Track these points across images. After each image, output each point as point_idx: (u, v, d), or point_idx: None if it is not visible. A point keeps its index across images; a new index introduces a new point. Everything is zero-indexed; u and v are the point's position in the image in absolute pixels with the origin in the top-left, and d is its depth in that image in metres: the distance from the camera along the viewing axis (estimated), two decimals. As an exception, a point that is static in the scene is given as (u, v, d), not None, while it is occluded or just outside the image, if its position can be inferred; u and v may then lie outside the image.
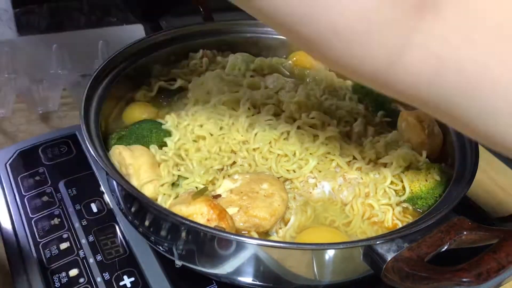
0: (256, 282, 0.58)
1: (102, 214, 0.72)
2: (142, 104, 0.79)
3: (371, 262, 0.52)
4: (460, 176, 0.64)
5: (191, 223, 0.52)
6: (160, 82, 0.81)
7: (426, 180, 0.67)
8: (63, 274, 0.64)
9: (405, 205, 0.67)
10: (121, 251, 0.67)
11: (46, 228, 0.70)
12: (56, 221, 0.71)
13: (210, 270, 0.59)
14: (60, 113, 0.96)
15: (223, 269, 0.58)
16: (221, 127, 0.70)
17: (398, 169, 0.69)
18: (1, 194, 0.75)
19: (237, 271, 0.57)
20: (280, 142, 0.68)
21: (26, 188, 0.75)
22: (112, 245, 0.68)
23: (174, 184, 0.65)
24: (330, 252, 0.54)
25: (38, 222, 0.70)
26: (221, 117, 0.71)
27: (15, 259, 0.66)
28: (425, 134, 0.73)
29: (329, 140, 0.70)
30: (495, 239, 0.50)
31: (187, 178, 0.64)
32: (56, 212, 0.72)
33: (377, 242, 0.52)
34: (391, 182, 0.67)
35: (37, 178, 0.77)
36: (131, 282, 0.63)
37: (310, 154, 0.68)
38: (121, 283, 0.63)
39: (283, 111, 0.74)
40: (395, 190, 0.68)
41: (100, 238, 0.68)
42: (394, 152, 0.70)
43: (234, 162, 0.68)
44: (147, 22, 0.84)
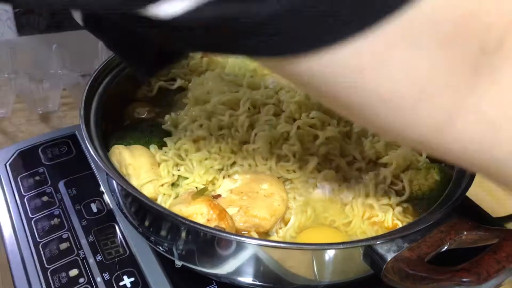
0: (256, 282, 0.58)
1: (102, 214, 0.72)
2: (142, 104, 0.79)
3: (371, 262, 0.52)
4: (460, 176, 0.64)
5: (191, 223, 0.52)
6: (160, 82, 0.80)
7: (426, 180, 0.67)
8: (63, 274, 0.64)
9: (405, 205, 0.67)
10: (121, 251, 0.67)
11: (46, 228, 0.70)
12: (56, 221, 0.71)
13: (210, 270, 0.59)
14: (60, 113, 0.96)
15: (223, 269, 0.58)
16: (221, 127, 0.70)
17: (398, 169, 0.69)
18: (1, 194, 0.75)
19: (237, 271, 0.57)
20: (280, 142, 0.68)
21: (26, 188, 0.75)
22: (112, 245, 0.68)
23: (174, 184, 0.65)
24: (330, 252, 0.54)
25: (38, 222, 0.70)
26: (221, 117, 0.71)
27: (15, 259, 0.66)
28: (425, 134, 0.73)
29: (329, 140, 0.70)
30: (495, 239, 0.50)
31: (187, 178, 0.64)
32: (56, 212, 0.72)
33: (377, 242, 0.52)
34: (391, 182, 0.67)
35: (37, 178, 0.77)
36: (131, 282, 0.63)
37: (310, 154, 0.68)
38: (121, 283, 0.63)
39: (283, 111, 0.73)
40: (395, 190, 0.68)
41: (100, 238, 0.68)
42: (394, 152, 0.70)
43: (234, 162, 0.68)
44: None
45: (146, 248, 0.67)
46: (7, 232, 0.69)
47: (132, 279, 0.64)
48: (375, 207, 0.65)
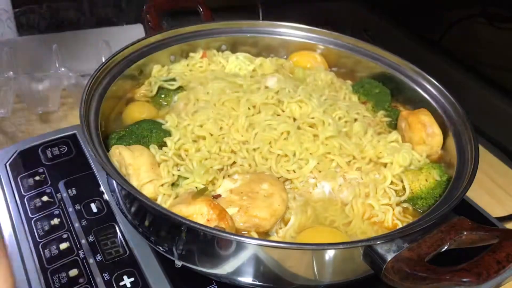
0: (256, 282, 0.58)
1: (102, 214, 0.72)
2: (142, 104, 0.79)
3: (371, 262, 0.52)
4: (460, 176, 0.64)
5: (191, 223, 0.52)
6: (160, 82, 0.80)
7: (426, 180, 0.67)
8: (63, 274, 0.64)
9: (405, 205, 0.67)
10: (121, 251, 0.67)
11: (46, 228, 0.70)
12: (56, 221, 0.71)
13: (210, 270, 0.59)
14: (60, 113, 0.96)
15: (223, 269, 0.58)
16: (221, 127, 0.70)
17: (398, 169, 0.69)
18: (1, 194, 0.75)
19: (237, 271, 0.57)
20: (280, 142, 0.68)
21: (26, 188, 0.75)
22: (112, 245, 0.68)
23: (174, 184, 0.65)
24: (330, 252, 0.54)
25: (38, 222, 0.70)
26: (221, 117, 0.71)
27: (15, 259, 0.66)
28: (425, 134, 0.73)
29: (329, 140, 0.70)
30: (495, 239, 0.50)
31: (187, 178, 0.64)
32: (56, 212, 0.72)
33: (377, 242, 0.52)
34: (391, 182, 0.68)
35: (37, 178, 0.77)
36: (131, 282, 0.63)
37: (310, 154, 0.68)
38: (121, 283, 0.63)
39: (283, 111, 0.74)
40: (395, 190, 0.68)
41: (100, 238, 0.68)
42: (394, 152, 0.70)
43: (234, 162, 0.68)
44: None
45: (146, 248, 0.67)
46: (7, 232, 0.69)
47: (132, 279, 0.64)
48: (375, 207, 0.65)
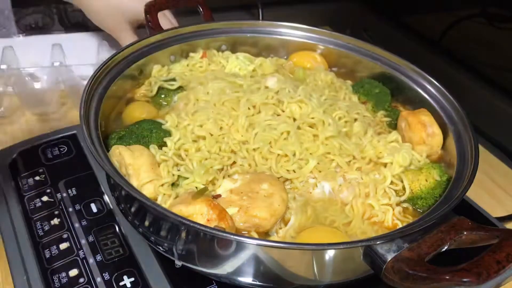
0: (256, 282, 0.58)
1: (102, 214, 0.72)
2: (142, 104, 0.79)
3: (371, 262, 0.52)
4: (460, 176, 0.64)
5: (191, 223, 0.52)
6: (160, 82, 0.80)
7: (426, 180, 0.67)
8: (63, 274, 0.64)
9: (405, 205, 0.67)
10: (121, 251, 0.67)
11: (46, 228, 0.70)
12: (56, 221, 0.71)
13: (210, 270, 0.59)
14: (60, 113, 0.95)
15: (223, 269, 0.58)
16: (221, 127, 0.70)
17: (398, 169, 0.69)
18: (1, 194, 0.75)
19: (237, 271, 0.57)
20: (280, 142, 0.68)
21: (26, 188, 0.75)
22: (112, 245, 0.68)
23: (174, 184, 0.65)
24: (330, 252, 0.54)
25: (38, 222, 0.70)
26: (221, 117, 0.71)
27: (15, 259, 0.66)
28: (425, 134, 0.73)
29: (329, 140, 0.70)
30: (495, 239, 0.50)
31: (187, 178, 0.64)
32: (56, 212, 0.72)
33: (377, 242, 0.52)
34: (391, 182, 0.67)
35: (37, 178, 0.77)
36: (131, 282, 0.63)
37: (310, 154, 0.68)
38: (121, 283, 0.63)
39: (283, 111, 0.74)
40: (395, 190, 0.68)
41: (100, 238, 0.68)
42: (394, 152, 0.70)
43: (234, 162, 0.68)
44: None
45: (146, 248, 0.67)
46: (7, 232, 0.69)
47: (132, 279, 0.64)
48: (375, 207, 0.65)
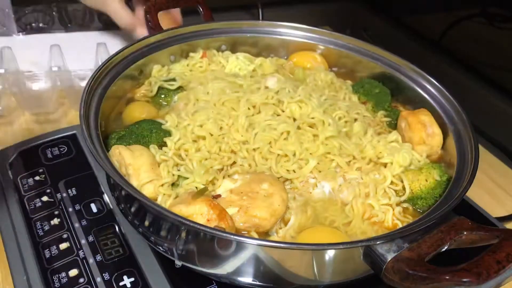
0: (256, 282, 0.58)
1: (102, 214, 0.72)
2: (142, 104, 0.79)
3: (371, 262, 0.52)
4: (460, 176, 0.64)
5: (191, 223, 0.52)
6: (160, 82, 0.80)
7: (426, 180, 0.67)
8: (63, 274, 0.64)
9: (405, 205, 0.67)
10: (121, 251, 0.67)
11: (46, 228, 0.70)
12: (56, 221, 0.71)
13: (210, 270, 0.59)
14: (60, 113, 0.95)
15: (223, 269, 0.58)
16: (221, 127, 0.70)
17: (398, 169, 0.69)
18: (1, 194, 0.75)
19: (237, 271, 0.57)
20: (280, 142, 0.68)
21: (26, 188, 0.75)
22: (112, 245, 0.68)
23: (174, 184, 0.65)
24: (330, 252, 0.54)
25: (38, 222, 0.70)
26: (221, 117, 0.71)
27: (15, 259, 0.66)
28: (425, 134, 0.73)
29: (329, 140, 0.70)
30: (495, 239, 0.50)
31: (187, 178, 0.64)
32: (56, 212, 0.72)
33: (377, 242, 0.52)
34: (391, 182, 0.67)
35: (37, 178, 0.77)
36: (131, 282, 0.63)
37: (310, 154, 0.68)
38: (121, 283, 0.63)
39: (283, 111, 0.73)
40: (395, 190, 0.68)
41: (100, 238, 0.68)
42: (394, 152, 0.70)
43: (234, 162, 0.68)
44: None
45: (146, 248, 0.67)
46: (7, 232, 0.69)
47: (132, 279, 0.64)
48: (375, 207, 0.65)
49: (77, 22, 1.12)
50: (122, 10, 0.95)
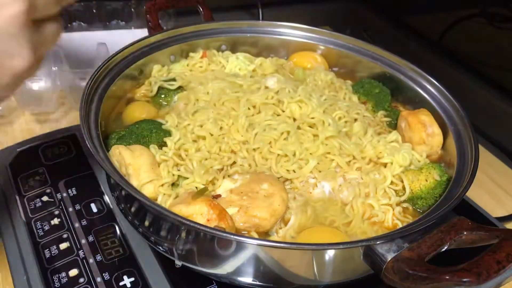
0: (256, 282, 0.58)
1: (102, 214, 0.72)
2: (142, 104, 0.79)
3: (371, 262, 0.52)
4: (460, 176, 0.64)
5: (191, 223, 0.52)
6: (160, 82, 0.80)
7: (426, 180, 0.67)
8: (63, 274, 0.64)
9: (405, 205, 0.67)
10: (121, 251, 0.67)
11: (46, 228, 0.70)
12: (56, 221, 0.71)
13: (210, 270, 0.59)
14: (60, 113, 0.95)
15: (223, 269, 0.58)
16: (221, 127, 0.70)
17: (398, 169, 0.69)
18: (1, 194, 0.75)
19: (237, 271, 0.57)
20: (280, 142, 0.68)
21: (26, 188, 0.75)
22: (112, 245, 0.68)
23: (174, 184, 0.65)
24: (330, 252, 0.54)
25: (38, 222, 0.70)
26: (221, 117, 0.71)
27: (15, 259, 0.66)
28: (425, 134, 0.73)
29: (329, 140, 0.70)
30: (495, 239, 0.50)
31: (187, 178, 0.64)
32: (56, 212, 0.72)
33: (377, 242, 0.52)
34: (391, 182, 0.67)
35: (37, 178, 0.77)
36: (131, 282, 0.63)
37: (310, 154, 0.68)
38: (121, 283, 0.63)
39: (283, 111, 0.74)
40: (395, 190, 0.68)
41: (100, 238, 0.68)
42: (394, 152, 0.70)
43: (234, 162, 0.68)
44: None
45: (146, 248, 0.67)
46: (7, 232, 0.69)
47: (132, 279, 0.64)
48: (375, 207, 0.65)
49: (78, 22, 1.12)
50: None
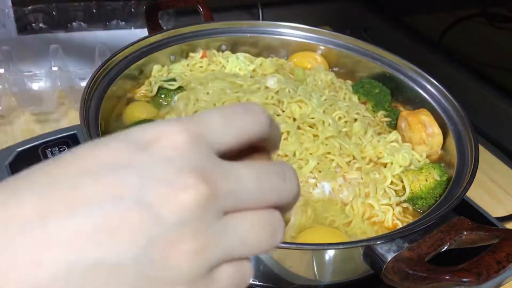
0: (256, 282, 0.58)
1: (102, 214, 0.72)
2: (142, 104, 0.79)
3: (371, 262, 0.52)
4: (460, 176, 0.64)
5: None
6: (160, 82, 0.80)
7: (426, 180, 0.67)
8: (63, 274, 0.64)
9: (405, 205, 0.67)
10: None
11: (46, 228, 0.69)
12: (56, 221, 0.70)
13: (210, 270, 0.59)
14: (59, 113, 0.95)
15: (223, 269, 0.58)
16: (221, 127, 0.70)
17: (398, 169, 0.69)
18: (1, 194, 0.74)
19: (237, 271, 0.57)
20: (280, 142, 0.68)
21: (26, 188, 0.75)
22: (112, 245, 0.67)
23: (174, 184, 0.65)
24: (330, 252, 0.54)
25: (38, 222, 0.70)
26: (221, 117, 0.71)
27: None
28: (425, 134, 0.73)
29: (329, 140, 0.70)
30: (495, 239, 0.50)
31: (187, 178, 0.64)
32: (56, 212, 0.72)
33: (377, 242, 0.52)
34: (391, 182, 0.67)
35: (37, 178, 0.77)
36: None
37: (310, 154, 0.68)
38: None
39: (283, 111, 0.73)
40: (395, 190, 0.68)
41: (100, 238, 0.68)
42: (394, 152, 0.70)
43: (234, 162, 0.68)
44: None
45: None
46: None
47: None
48: (375, 207, 0.65)
49: (78, 22, 1.12)
50: None
